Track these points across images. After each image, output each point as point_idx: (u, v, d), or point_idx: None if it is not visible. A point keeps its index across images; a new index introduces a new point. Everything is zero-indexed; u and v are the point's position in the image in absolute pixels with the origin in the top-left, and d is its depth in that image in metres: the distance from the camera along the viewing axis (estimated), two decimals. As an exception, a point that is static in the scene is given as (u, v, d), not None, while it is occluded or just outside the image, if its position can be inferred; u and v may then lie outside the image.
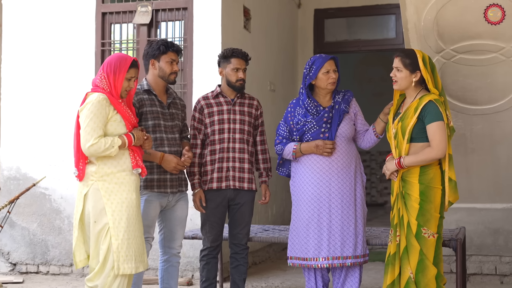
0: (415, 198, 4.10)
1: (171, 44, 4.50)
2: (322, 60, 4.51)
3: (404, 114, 4.20)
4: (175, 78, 4.54)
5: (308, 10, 8.84)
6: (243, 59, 4.71)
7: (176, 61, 4.52)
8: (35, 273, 6.72)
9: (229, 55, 4.71)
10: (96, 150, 3.92)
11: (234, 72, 4.68)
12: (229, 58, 4.70)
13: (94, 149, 3.91)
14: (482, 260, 6.24)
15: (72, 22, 6.73)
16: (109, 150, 3.93)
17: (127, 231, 3.95)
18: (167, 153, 4.41)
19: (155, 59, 4.48)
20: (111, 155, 3.96)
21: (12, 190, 6.71)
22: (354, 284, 4.57)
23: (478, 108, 5.65)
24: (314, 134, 4.51)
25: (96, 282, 3.95)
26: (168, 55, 4.46)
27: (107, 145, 3.92)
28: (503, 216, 6.17)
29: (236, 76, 4.68)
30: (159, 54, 4.46)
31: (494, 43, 5.23)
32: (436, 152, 4.07)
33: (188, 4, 6.39)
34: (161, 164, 4.38)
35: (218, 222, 4.69)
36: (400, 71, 4.22)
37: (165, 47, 4.45)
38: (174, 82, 4.55)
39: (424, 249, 4.07)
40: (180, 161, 4.43)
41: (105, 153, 3.93)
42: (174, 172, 4.42)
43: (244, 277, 4.76)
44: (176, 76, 4.54)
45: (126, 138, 4.01)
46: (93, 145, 3.91)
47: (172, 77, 4.51)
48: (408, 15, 5.24)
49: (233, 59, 4.69)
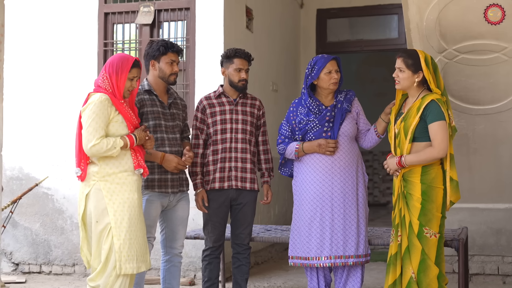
0: (417, 197, 4.10)
1: (171, 45, 4.47)
2: (324, 60, 4.51)
3: (406, 114, 4.20)
4: (175, 79, 4.52)
5: (311, 10, 8.83)
6: (246, 59, 4.70)
7: (177, 62, 4.49)
8: (37, 273, 6.72)
9: (231, 55, 4.70)
10: (98, 151, 3.92)
11: (237, 72, 4.68)
12: (231, 58, 4.69)
13: (96, 149, 3.92)
14: (485, 260, 6.23)
15: (75, 22, 6.74)
16: (111, 151, 3.93)
17: (129, 231, 3.95)
18: (168, 153, 4.41)
19: (155, 59, 4.46)
20: (113, 155, 3.96)
21: (15, 190, 6.71)
22: (356, 284, 4.57)
23: (480, 108, 5.65)
24: (316, 133, 4.51)
25: (98, 282, 3.95)
26: (168, 56, 4.44)
27: (109, 146, 3.92)
28: (505, 216, 6.17)
29: (239, 76, 4.68)
30: (159, 55, 4.44)
31: (497, 43, 5.23)
32: (437, 152, 4.07)
33: (191, 4, 6.40)
34: (162, 164, 4.39)
35: (220, 222, 4.69)
36: (402, 71, 4.22)
37: (164, 48, 4.43)
38: (174, 83, 4.54)
39: (426, 249, 4.07)
40: (180, 161, 4.42)
41: (107, 153, 3.94)
42: (175, 171, 4.42)
43: (246, 277, 4.76)
44: (176, 77, 4.52)
45: (128, 139, 4.01)
46: (95, 146, 3.91)
47: (172, 78, 4.49)
48: (410, 15, 5.24)
49: (236, 59, 4.68)
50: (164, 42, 4.47)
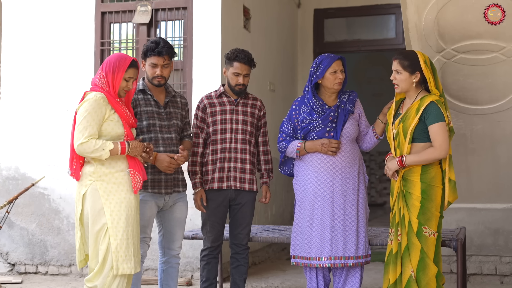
0: (416, 196, 4.11)
1: (152, 47, 4.29)
2: (330, 60, 4.49)
3: (405, 115, 4.20)
4: (159, 82, 4.37)
5: (308, 10, 8.83)
6: (246, 64, 4.61)
7: (160, 65, 4.32)
8: (33, 273, 6.70)
9: (232, 57, 4.62)
10: (85, 149, 3.88)
11: (235, 76, 4.62)
12: (232, 61, 4.62)
13: (83, 148, 3.87)
14: (482, 260, 6.23)
15: (72, 21, 6.72)
16: (98, 152, 3.87)
17: (125, 231, 3.93)
18: (162, 153, 4.36)
19: (143, 60, 4.41)
20: (102, 158, 3.90)
21: (11, 190, 6.69)
22: (355, 284, 4.56)
23: (478, 108, 5.64)
24: (319, 133, 4.50)
25: (95, 283, 3.94)
26: (150, 59, 4.33)
27: (97, 147, 3.87)
28: (503, 216, 6.17)
29: (236, 80, 4.62)
30: (144, 57, 4.37)
31: (495, 42, 5.23)
32: (439, 152, 4.08)
33: (188, 4, 6.38)
34: (154, 164, 4.33)
35: (219, 222, 4.67)
36: (399, 73, 4.22)
37: (146, 49, 4.31)
38: (160, 85, 4.40)
39: (425, 247, 4.08)
40: (173, 160, 4.32)
41: (94, 154, 3.88)
42: (168, 171, 4.34)
43: (245, 277, 4.75)
44: (160, 80, 4.37)
45: (120, 145, 3.95)
46: (82, 144, 3.87)
47: (154, 81, 4.37)
48: (409, 15, 5.23)
49: (236, 62, 4.61)
50: (150, 44, 4.32)
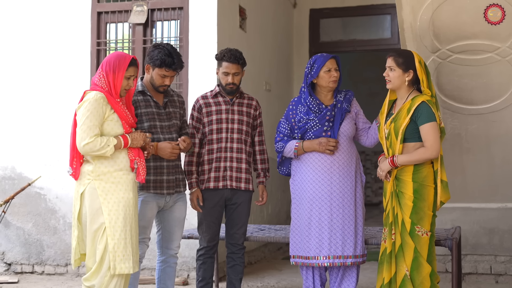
0: (408, 196, 4.13)
1: (170, 63, 4.32)
2: (324, 58, 4.52)
3: (396, 115, 4.23)
4: (164, 90, 4.44)
5: (304, 10, 8.84)
6: (234, 63, 4.60)
7: (170, 76, 4.38)
8: (30, 273, 6.70)
9: (220, 58, 4.64)
10: (92, 149, 3.90)
11: (224, 76, 4.63)
12: (220, 61, 4.64)
13: (90, 147, 3.90)
14: (477, 259, 6.26)
15: (68, 21, 6.72)
16: (104, 149, 3.91)
17: (123, 231, 3.94)
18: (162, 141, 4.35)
19: (151, 66, 4.41)
20: (106, 154, 3.94)
21: (7, 190, 6.69)
22: (351, 283, 4.58)
23: (473, 108, 5.66)
24: (316, 133, 4.52)
25: (93, 282, 3.94)
26: (162, 70, 4.35)
27: (103, 144, 3.90)
28: (498, 216, 6.20)
29: (226, 80, 4.63)
30: (154, 66, 4.38)
31: (490, 43, 5.25)
32: (430, 153, 4.10)
33: (184, 4, 6.39)
34: (157, 154, 4.32)
35: (215, 222, 4.68)
36: (393, 70, 4.25)
37: (161, 62, 4.32)
38: (163, 92, 4.46)
39: (418, 246, 4.10)
40: (175, 145, 4.33)
41: (100, 152, 3.92)
42: (172, 158, 4.34)
43: (241, 276, 4.76)
44: (165, 88, 4.44)
45: (122, 139, 3.99)
46: (89, 144, 3.89)
47: (160, 88, 4.43)
48: (404, 15, 5.25)
49: (224, 62, 4.62)
50: (165, 56, 4.33)
